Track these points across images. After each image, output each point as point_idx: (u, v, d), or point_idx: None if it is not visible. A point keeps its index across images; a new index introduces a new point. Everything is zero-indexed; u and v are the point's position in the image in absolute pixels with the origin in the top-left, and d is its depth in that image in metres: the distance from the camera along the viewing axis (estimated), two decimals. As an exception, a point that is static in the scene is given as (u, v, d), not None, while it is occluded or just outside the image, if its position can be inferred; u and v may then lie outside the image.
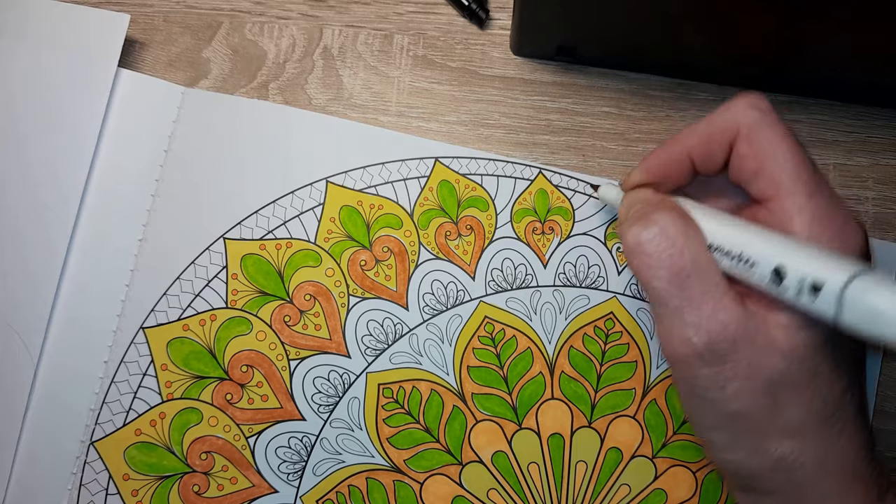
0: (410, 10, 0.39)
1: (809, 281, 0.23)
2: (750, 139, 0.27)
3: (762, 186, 0.27)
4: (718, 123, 0.28)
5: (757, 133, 0.27)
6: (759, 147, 0.27)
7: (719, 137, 0.28)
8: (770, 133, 0.27)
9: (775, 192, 0.27)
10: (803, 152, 0.27)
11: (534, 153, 0.37)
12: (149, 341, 0.35)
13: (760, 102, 0.28)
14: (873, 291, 0.22)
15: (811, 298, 0.23)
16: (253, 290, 0.36)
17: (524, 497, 0.35)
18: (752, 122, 0.27)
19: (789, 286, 0.24)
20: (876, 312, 0.22)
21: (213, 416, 0.35)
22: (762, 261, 0.25)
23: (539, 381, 0.36)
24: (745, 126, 0.28)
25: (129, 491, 0.34)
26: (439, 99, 0.38)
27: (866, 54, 0.33)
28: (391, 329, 0.36)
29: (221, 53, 0.38)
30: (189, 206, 0.36)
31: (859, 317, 0.22)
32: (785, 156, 0.27)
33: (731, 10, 0.31)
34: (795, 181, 0.26)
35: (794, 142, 0.27)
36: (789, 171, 0.27)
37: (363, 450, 0.35)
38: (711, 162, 0.29)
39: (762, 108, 0.28)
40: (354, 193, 0.37)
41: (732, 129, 0.28)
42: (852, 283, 0.22)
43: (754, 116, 0.27)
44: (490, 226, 0.36)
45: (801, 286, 0.24)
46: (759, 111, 0.28)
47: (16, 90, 0.36)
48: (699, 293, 0.26)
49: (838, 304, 0.23)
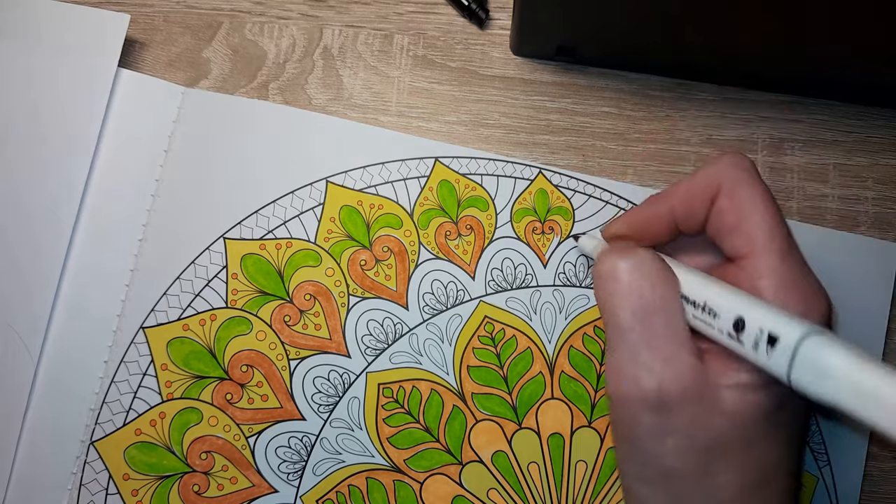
0: (410, 10, 0.39)
1: (767, 333, 0.23)
2: (731, 195, 0.28)
3: (737, 243, 0.27)
4: (702, 178, 0.28)
5: (739, 189, 0.27)
6: (740, 203, 0.27)
7: (701, 193, 0.28)
8: (751, 191, 0.27)
9: (749, 249, 0.27)
10: (780, 215, 0.27)
11: (534, 153, 0.38)
12: (149, 341, 0.35)
13: (744, 161, 0.28)
14: (826, 351, 0.22)
15: (767, 351, 0.23)
16: (253, 289, 0.36)
17: (524, 497, 0.35)
18: (734, 178, 0.28)
19: (748, 337, 0.24)
20: (824, 372, 0.22)
21: (213, 416, 0.35)
22: (725, 311, 0.25)
23: (539, 381, 0.36)
24: (727, 181, 0.28)
25: (129, 491, 0.34)
26: (439, 99, 0.38)
27: (866, 54, 0.33)
28: (391, 329, 0.36)
29: (221, 53, 0.38)
30: (189, 206, 0.36)
31: (808, 375, 0.22)
32: (763, 215, 0.27)
33: (731, 9, 0.31)
34: (770, 242, 0.27)
35: (772, 204, 0.27)
36: (765, 231, 0.27)
37: (363, 449, 0.35)
38: (693, 218, 0.29)
39: (745, 167, 0.28)
40: (354, 193, 0.37)
41: (715, 184, 0.28)
42: (808, 339, 0.23)
43: (737, 174, 0.28)
44: (490, 226, 0.36)
45: (759, 338, 0.24)
46: (742, 169, 0.28)
47: (16, 90, 0.36)
48: (660, 335, 0.26)
49: (791, 360, 0.23)
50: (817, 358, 0.22)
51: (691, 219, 0.29)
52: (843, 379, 0.21)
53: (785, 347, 0.23)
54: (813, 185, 0.37)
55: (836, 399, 0.22)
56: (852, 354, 0.22)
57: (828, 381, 0.22)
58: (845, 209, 0.37)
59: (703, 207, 0.28)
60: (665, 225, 0.30)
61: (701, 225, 0.29)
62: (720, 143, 0.38)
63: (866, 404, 0.21)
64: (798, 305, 0.26)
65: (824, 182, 0.37)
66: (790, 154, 0.38)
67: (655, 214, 0.30)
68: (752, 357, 0.24)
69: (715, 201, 0.28)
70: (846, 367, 0.21)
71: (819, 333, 0.23)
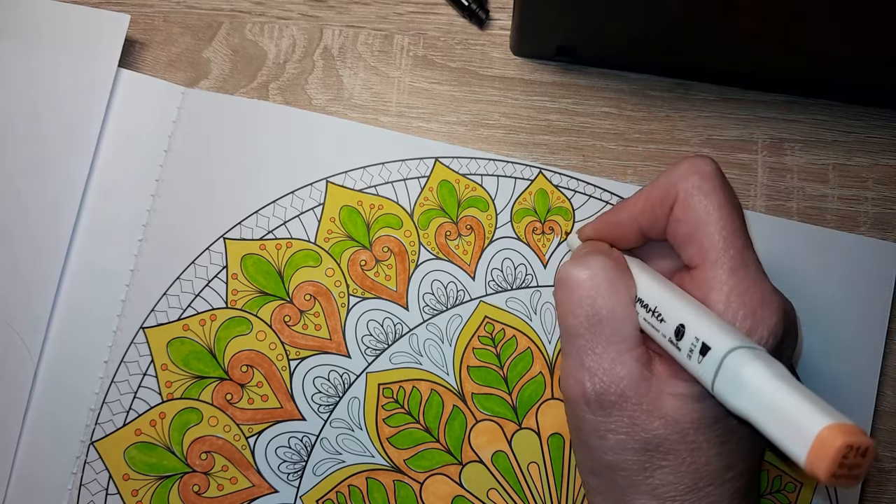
0: (410, 11, 0.39)
1: (701, 342, 0.24)
2: (685, 205, 0.27)
3: (691, 253, 0.27)
4: (659, 187, 0.28)
5: (692, 199, 0.27)
6: (695, 213, 0.27)
7: (660, 202, 0.28)
8: (706, 201, 0.27)
9: (702, 260, 0.27)
10: (736, 223, 0.27)
11: (534, 153, 0.38)
12: (149, 341, 0.35)
13: (704, 167, 0.28)
14: (747, 365, 0.23)
15: (698, 360, 0.24)
16: (253, 290, 0.36)
17: (524, 497, 0.35)
18: (690, 187, 0.27)
19: (685, 345, 0.25)
20: (740, 384, 0.22)
21: (213, 416, 0.35)
22: (670, 318, 0.26)
23: (539, 381, 0.36)
24: (683, 190, 0.27)
25: (129, 491, 0.34)
26: (439, 99, 0.38)
27: (866, 54, 0.33)
28: (391, 329, 0.36)
29: (221, 53, 0.38)
30: (189, 206, 0.36)
31: (727, 386, 0.23)
32: (716, 226, 0.27)
33: (730, 10, 0.31)
34: (721, 253, 0.26)
35: (729, 212, 0.27)
36: (716, 242, 0.27)
37: (363, 450, 0.35)
38: (656, 226, 0.29)
39: (703, 174, 0.27)
40: (354, 193, 0.37)
41: (672, 193, 0.28)
42: (734, 352, 0.23)
43: (693, 182, 0.27)
44: (490, 226, 0.36)
45: (694, 346, 0.24)
46: (698, 176, 0.27)
47: (16, 90, 0.36)
48: (605, 341, 0.27)
49: (717, 370, 0.23)
50: (738, 371, 0.23)
51: (654, 227, 0.29)
52: (755, 394, 0.22)
53: (713, 358, 0.23)
54: (813, 186, 0.37)
55: (748, 412, 0.22)
56: (769, 371, 0.22)
57: (742, 393, 0.22)
58: (845, 209, 0.37)
59: (662, 216, 0.28)
60: (630, 231, 0.30)
61: (663, 232, 0.29)
62: (720, 143, 0.38)
63: (771, 421, 0.22)
64: (746, 318, 0.26)
65: (824, 182, 0.37)
66: (790, 154, 0.38)
67: (618, 222, 0.30)
68: (685, 363, 0.25)
69: (672, 210, 0.28)
70: (759, 382, 0.22)
71: (747, 348, 0.23)
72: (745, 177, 0.37)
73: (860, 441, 0.20)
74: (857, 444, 0.20)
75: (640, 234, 0.30)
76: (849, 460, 0.20)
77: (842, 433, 0.20)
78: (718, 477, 0.26)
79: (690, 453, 0.26)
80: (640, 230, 0.30)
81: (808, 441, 0.20)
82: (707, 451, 0.26)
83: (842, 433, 0.20)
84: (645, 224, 0.29)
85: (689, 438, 0.26)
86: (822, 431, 0.20)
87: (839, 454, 0.20)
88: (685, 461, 0.26)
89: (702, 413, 0.26)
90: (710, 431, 0.26)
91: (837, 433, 0.20)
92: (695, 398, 0.26)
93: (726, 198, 0.27)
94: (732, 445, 0.26)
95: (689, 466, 0.26)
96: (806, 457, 0.20)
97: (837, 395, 0.35)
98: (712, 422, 0.26)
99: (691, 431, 0.26)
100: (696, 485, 0.26)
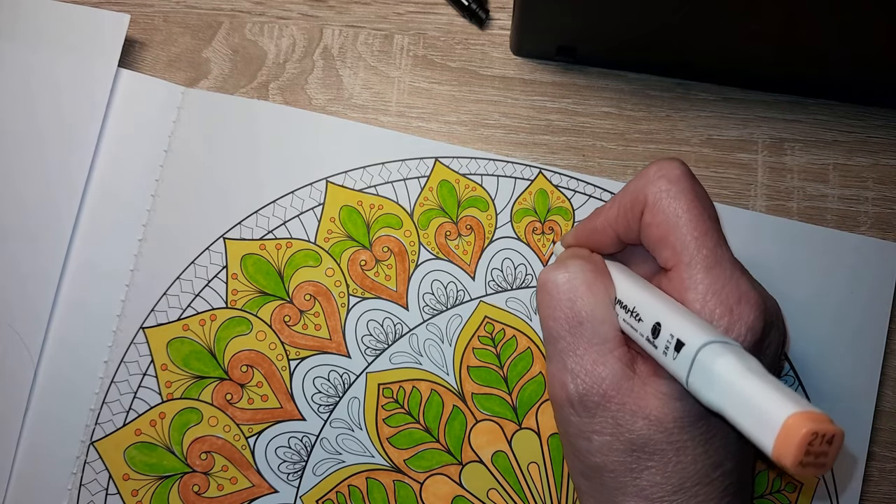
0: (410, 10, 0.39)
1: (676, 339, 0.24)
2: (654, 209, 0.28)
3: (665, 256, 0.28)
4: (629, 193, 0.29)
5: (661, 203, 0.27)
6: (664, 217, 0.27)
7: (631, 207, 0.28)
8: (674, 204, 0.27)
9: (676, 262, 0.27)
10: (707, 224, 0.27)
11: (534, 153, 0.38)
12: (149, 341, 0.35)
13: (671, 170, 0.28)
14: (719, 359, 0.23)
15: (673, 356, 0.24)
16: (253, 290, 0.36)
17: (524, 497, 0.35)
18: (657, 191, 0.28)
19: (661, 342, 0.25)
20: (712, 377, 0.23)
21: (213, 416, 0.35)
22: (647, 317, 0.26)
23: (539, 381, 0.36)
24: (651, 195, 0.28)
25: (129, 491, 0.34)
26: (439, 99, 0.38)
27: (866, 54, 0.33)
28: (391, 329, 0.36)
29: (221, 53, 0.38)
30: (189, 206, 0.36)
31: (700, 380, 0.23)
32: (687, 227, 0.27)
33: (730, 10, 0.31)
34: (695, 254, 0.27)
35: (699, 213, 0.27)
36: (688, 244, 0.27)
37: (363, 450, 0.35)
38: (631, 231, 0.29)
39: (671, 177, 0.28)
40: (354, 193, 0.37)
41: (641, 199, 0.28)
42: (707, 346, 0.23)
43: (661, 186, 0.28)
44: (490, 226, 0.36)
45: (669, 343, 0.24)
46: (666, 180, 0.28)
47: (16, 90, 0.36)
48: (586, 342, 0.27)
49: (690, 366, 0.23)
50: (710, 365, 0.23)
51: (629, 232, 0.29)
52: (726, 386, 0.22)
53: (687, 354, 0.24)
54: (813, 185, 0.37)
55: (719, 405, 0.23)
56: (740, 364, 0.22)
57: (714, 387, 0.23)
58: (845, 209, 0.37)
59: (634, 221, 0.29)
60: (607, 237, 0.30)
61: (638, 237, 0.29)
62: (720, 143, 0.38)
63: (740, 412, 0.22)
64: (723, 316, 0.26)
65: (824, 182, 0.37)
66: (790, 154, 0.38)
67: (595, 228, 0.30)
68: (662, 361, 0.25)
69: (643, 215, 0.28)
70: (729, 375, 0.22)
71: (720, 342, 0.23)
72: (745, 177, 0.37)
73: (826, 428, 0.20)
74: (823, 431, 0.20)
75: (618, 240, 0.30)
76: (815, 448, 0.20)
77: (807, 420, 0.20)
78: (706, 476, 0.26)
79: (676, 453, 0.26)
80: (616, 236, 0.30)
81: (774, 429, 0.20)
82: (693, 450, 0.26)
83: (807, 420, 0.20)
84: (620, 230, 0.29)
85: (674, 438, 0.26)
86: (787, 419, 0.20)
87: (804, 441, 0.20)
88: (671, 461, 0.26)
89: (683, 411, 0.26)
90: (694, 429, 0.26)
91: (803, 420, 0.20)
92: (675, 396, 0.26)
93: (696, 199, 0.27)
94: (718, 443, 0.26)
95: (676, 466, 0.26)
96: (773, 445, 0.20)
97: (837, 395, 0.35)
98: (695, 419, 0.26)
99: (675, 430, 0.26)
100: (683, 485, 0.26)
